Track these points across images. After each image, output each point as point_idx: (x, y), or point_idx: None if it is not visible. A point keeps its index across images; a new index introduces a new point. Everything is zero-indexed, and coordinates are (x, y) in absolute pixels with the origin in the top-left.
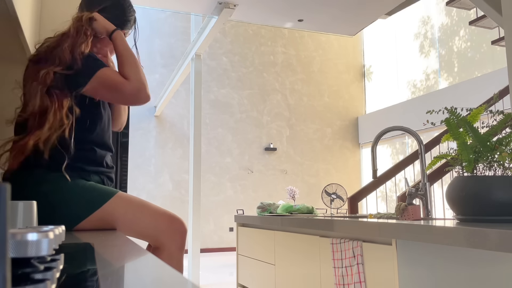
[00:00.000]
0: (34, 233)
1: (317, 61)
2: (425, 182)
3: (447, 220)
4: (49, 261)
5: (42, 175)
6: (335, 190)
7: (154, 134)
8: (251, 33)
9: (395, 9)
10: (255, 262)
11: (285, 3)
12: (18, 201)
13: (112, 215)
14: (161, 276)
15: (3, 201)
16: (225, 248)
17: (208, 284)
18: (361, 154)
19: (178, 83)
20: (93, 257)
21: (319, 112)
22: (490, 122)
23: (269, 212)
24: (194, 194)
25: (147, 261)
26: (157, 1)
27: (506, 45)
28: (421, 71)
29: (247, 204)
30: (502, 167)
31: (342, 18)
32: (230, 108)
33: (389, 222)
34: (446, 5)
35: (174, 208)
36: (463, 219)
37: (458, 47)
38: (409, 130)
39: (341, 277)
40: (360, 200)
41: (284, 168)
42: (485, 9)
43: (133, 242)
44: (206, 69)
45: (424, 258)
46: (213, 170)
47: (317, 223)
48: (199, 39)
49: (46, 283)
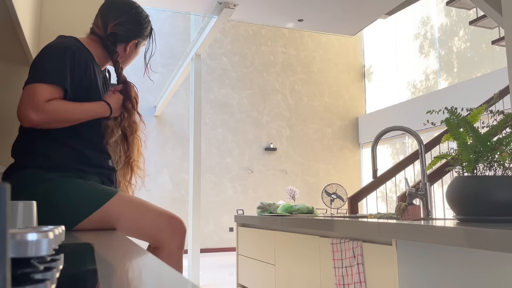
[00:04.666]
0: (34, 233)
1: (317, 61)
2: (425, 182)
3: (447, 220)
4: (49, 261)
5: (42, 175)
6: (335, 190)
7: (154, 134)
8: (251, 33)
9: (395, 9)
10: (255, 262)
11: (285, 3)
12: (18, 201)
13: (112, 215)
14: (161, 276)
15: (3, 201)
16: (225, 248)
17: (208, 284)
18: (361, 154)
19: (178, 83)
20: (93, 257)
21: (319, 112)
22: (490, 122)
23: (269, 212)
24: (194, 194)
25: (147, 261)
26: (157, 1)
27: (506, 45)
28: (421, 71)
29: (247, 204)
30: (502, 167)
31: (342, 18)
32: (230, 108)
33: (389, 222)
34: (446, 5)
35: (174, 208)
36: (463, 219)
37: (457, 47)
38: (409, 130)
39: (341, 277)
40: (360, 200)
41: (284, 168)
42: (485, 9)
43: (133, 242)
44: (206, 69)
45: (424, 258)
46: (213, 170)
47: (317, 223)
48: (199, 39)
49: (46, 283)
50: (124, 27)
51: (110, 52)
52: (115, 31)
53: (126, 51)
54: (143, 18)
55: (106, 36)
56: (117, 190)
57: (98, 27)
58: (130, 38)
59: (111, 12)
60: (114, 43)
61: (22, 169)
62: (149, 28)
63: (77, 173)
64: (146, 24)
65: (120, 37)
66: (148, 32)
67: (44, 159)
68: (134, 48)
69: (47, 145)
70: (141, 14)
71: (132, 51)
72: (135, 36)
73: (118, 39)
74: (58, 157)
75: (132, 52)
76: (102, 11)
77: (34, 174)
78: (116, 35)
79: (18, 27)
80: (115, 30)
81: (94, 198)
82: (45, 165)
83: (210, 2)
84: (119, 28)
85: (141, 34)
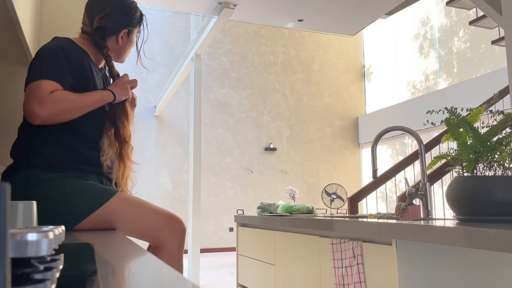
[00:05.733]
0: (34, 233)
1: (317, 61)
2: (425, 182)
3: (447, 220)
4: (49, 261)
5: (41, 175)
6: (335, 190)
7: (154, 134)
8: (251, 33)
9: (395, 9)
10: (255, 262)
11: (285, 3)
12: (18, 201)
13: (112, 214)
14: (161, 276)
15: (3, 201)
16: (225, 248)
17: (208, 284)
18: (361, 154)
19: (178, 83)
20: (93, 257)
21: (319, 112)
22: (490, 122)
23: (269, 212)
24: (194, 194)
25: (147, 261)
26: (157, 1)
27: (506, 45)
28: (421, 71)
29: (247, 204)
30: (502, 167)
31: (342, 18)
32: (230, 108)
33: (389, 222)
34: (446, 5)
35: (174, 208)
36: (463, 219)
37: (457, 47)
38: (409, 130)
39: (341, 277)
40: (360, 200)
41: (284, 168)
42: (485, 9)
43: (133, 242)
44: (206, 69)
45: (424, 258)
46: (213, 170)
47: (317, 223)
48: (199, 39)
49: (46, 283)
50: (110, 18)
51: (100, 47)
52: (101, 24)
53: (118, 42)
54: (128, 5)
55: (94, 31)
56: (116, 190)
57: (86, 24)
58: (119, 29)
59: (95, 6)
60: (102, 37)
61: (20, 169)
62: (137, 15)
63: (76, 172)
64: (133, 11)
65: (109, 29)
66: (137, 19)
67: (42, 159)
68: (126, 38)
69: (44, 145)
70: (126, 1)
71: (126, 42)
72: (123, 25)
73: (106, 32)
74: (56, 157)
75: (126, 43)
76: (87, 7)
77: (33, 174)
78: (103, 28)
79: (18, 27)
80: (101, 24)
81: (94, 198)
82: (44, 165)
83: (210, 2)
84: (105, 21)
85: (130, 22)
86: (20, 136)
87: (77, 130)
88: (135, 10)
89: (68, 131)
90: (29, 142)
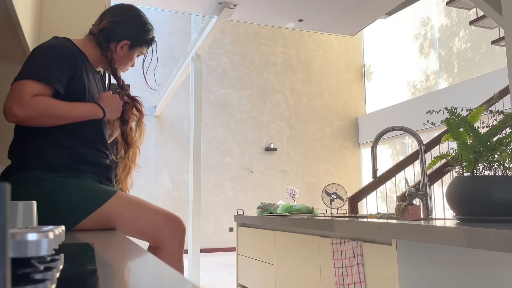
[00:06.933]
0: (34, 233)
1: (317, 61)
2: (425, 182)
3: (447, 220)
4: (49, 261)
5: (41, 175)
6: (335, 190)
7: (154, 134)
8: (251, 33)
9: (395, 9)
10: (255, 262)
11: (285, 3)
12: (18, 201)
13: (112, 214)
14: (161, 276)
15: (3, 201)
16: (225, 248)
17: (208, 284)
18: (361, 154)
19: (178, 83)
20: (93, 257)
21: (319, 112)
22: (490, 122)
23: (269, 212)
24: (194, 194)
25: (147, 261)
26: (157, 1)
27: (506, 45)
28: (421, 71)
29: (247, 204)
30: (502, 167)
31: (342, 18)
32: (230, 108)
33: (389, 222)
34: (447, 5)
35: (174, 208)
36: (463, 219)
37: (458, 47)
38: (409, 130)
39: (341, 277)
40: (360, 200)
41: (284, 168)
42: (485, 9)
43: (133, 242)
44: (206, 69)
45: (424, 258)
46: (213, 170)
47: (317, 223)
48: (199, 39)
49: (46, 283)
50: (119, 26)
51: (103, 48)
52: (108, 27)
53: (116, 51)
54: (142, 23)
55: (99, 32)
56: (116, 189)
57: (95, 24)
58: (122, 38)
59: (110, 11)
60: (106, 39)
61: (19, 170)
62: (148, 36)
63: (74, 172)
64: (144, 30)
65: (114, 35)
66: (146, 40)
67: (40, 159)
68: (126, 50)
69: (41, 145)
70: (140, 19)
71: (124, 53)
72: (128, 37)
73: (110, 36)
74: (53, 157)
75: (124, 55)
76: (104, 11)
77: (32, 175)
78: (109, 31)
79: (18, 27)
80: (108, 27)
81: (93, 198)
82: (42, 166)
83: (210, 2)
84: (113, 26)
85: (137, 38)
86: (17, 136)
87: (73, 130)
88: (147, 31)
89: (64, 131)
90: (27, 142)
